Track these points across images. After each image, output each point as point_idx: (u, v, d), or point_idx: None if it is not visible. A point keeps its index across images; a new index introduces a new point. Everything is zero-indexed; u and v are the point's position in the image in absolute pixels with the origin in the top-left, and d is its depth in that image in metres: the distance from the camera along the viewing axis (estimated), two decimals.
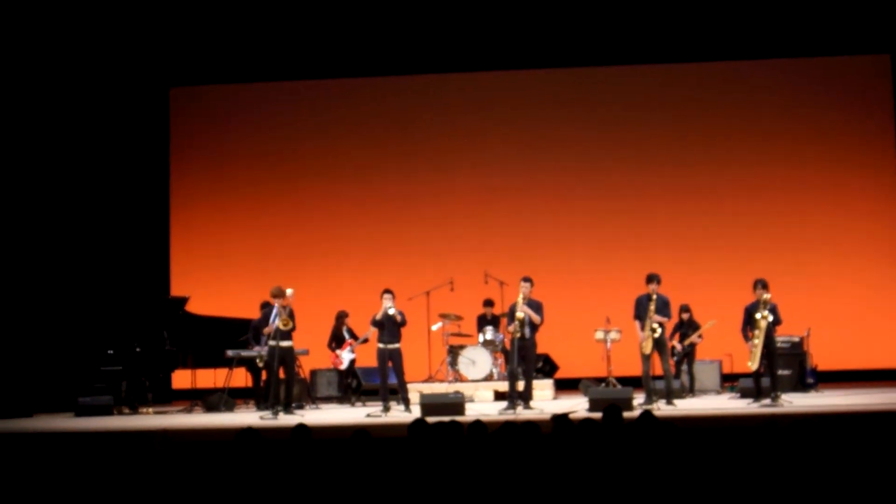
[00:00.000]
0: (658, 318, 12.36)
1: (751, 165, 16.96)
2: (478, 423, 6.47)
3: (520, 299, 12.50)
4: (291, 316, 12.76)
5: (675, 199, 17.04)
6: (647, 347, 12.33)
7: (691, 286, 15.58)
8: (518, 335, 12.41)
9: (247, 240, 17.49)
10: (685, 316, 14.26)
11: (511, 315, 12.60)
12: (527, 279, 12.64)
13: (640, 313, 12.46)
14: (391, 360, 12.71)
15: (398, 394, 12.87)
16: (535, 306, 12.56)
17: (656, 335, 12.30)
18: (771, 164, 16.92)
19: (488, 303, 15.03)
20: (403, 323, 12.77)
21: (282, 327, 12.57)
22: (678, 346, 14.10)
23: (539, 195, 17.22)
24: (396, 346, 12.74)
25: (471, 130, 17.44)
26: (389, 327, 12.67)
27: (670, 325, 13.07)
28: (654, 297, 12.41)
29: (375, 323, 12.76)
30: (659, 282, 12.52)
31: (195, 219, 17.65)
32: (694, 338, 14.25)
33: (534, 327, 12.56)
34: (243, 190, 17.64)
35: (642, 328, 12.41)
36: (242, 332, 14.58)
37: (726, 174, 17.02)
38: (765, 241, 16.73)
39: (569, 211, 17.20)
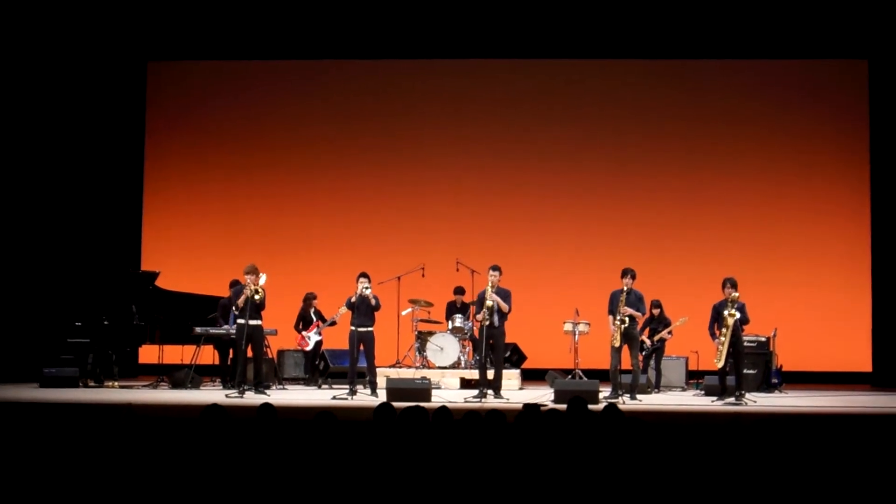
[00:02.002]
0: (628, 310, 12.41)
1: (724, 165, 17.01)
2: (443, 410, 6.47)
3: (489, 287, 12.52)
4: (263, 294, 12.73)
5: (649, 195, 17.08)
6: (617, 340, 12.39)
7: (662, 282, 15.62)
8: (487, 323, 12.43)
9: (219, 218, 17.41)
10: (656, 312, 14.31)
11: (480, 303, 12.62)
12: (495, 268, 12.66)
13: (613, 307, 12.51)
14: (363, 344, 12.70)
15: (366, 377, 12.87)
16: (504, 294, 12.58)
17: (625, 326, 12.35)
18: (744, 165, 16.98)
19: (459, 290, 15.06)
20: (377, 307, 12.75)
21: (251, 295, 12.50)
22: (647, 342, 14.15)
23: (514, 185, 17.23)
24: (369, 329, 12.72)
25: (447, 118, 17.41)
26: (363, 310, 12.64)
27: (641, 320, 13.12)
28: (627, 290, 12.47)
29: (349, 304, 12.74)
30: (633, 276, 12.58)
31: (168, 194, 17.53)
32: (664, 334, 14.31)
33: (502, 316, 12.59)
34: (218, 168, 17.54)
35: (614, 322, 12.46)
36: (211, 309, 14.53)
37: (700, 173, 17.08)
38: (736, 240, 16.81)
39: (543, 202, 17.21)
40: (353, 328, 12.73)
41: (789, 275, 16.70)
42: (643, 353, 13.76)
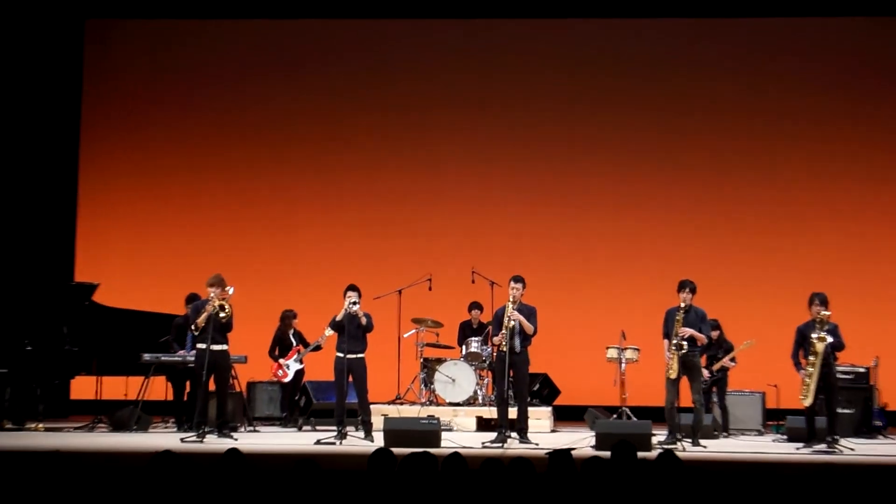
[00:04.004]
0: (687, 331, 12.32)
1: (805, 162, 17.02)
2: (456, 458, 6.45)
3: (509, 303, 12.48)
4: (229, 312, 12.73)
5: (706, 191, 17.11)
6: (674, 370, 12.32)
7: (727, 299, 15.64)
8: (506, 348, 12.39)
9: (174, 217, 17.45)
10: (714, 334, 14.23)
11: (497, 323, 12.58)
12: (518, 279, 12.62)
13: (669, 329, 12.44)
14: (351, 374, 12.68)
15: (358, 416, 12.86)
16: (528, 312, 12.53)
17: (683, 352, 12.28)
18: (829, 162, 16.97)
19: (475, 307, 15.03)
20: (369, 327, 12.74)
21: (214, 312, 12.48)
22: (705, 372, 14.11)
23: (542, 179, 17.24)
24: (360, 355, 12.71)
25: (460, 91, 17.41)
26: (352, 332, 12.62)
27: (703, 342, 13.01)
28: (685, 307, 12.39)
29: (335, 325, 12.72)
30: (693, 290, 12.50)
31: (110, 187, 17.58)
32: (725, 361, 14.27)
33: (525, 339, 12.54)
34: (173, 155, 17.57)
35: (670, 347, 12.40)
36: (164, 330, 14.52)
37: (776, 170, 17.06)
38: (822, 250, 16.80)
39: (578, 200, 17.21)
40: (339, 355, 12.71)
41: (891, 291, 16.64)
42: (703, 387, 13.69)
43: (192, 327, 13.00)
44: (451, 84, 17.45)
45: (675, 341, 12.34)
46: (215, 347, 12.63)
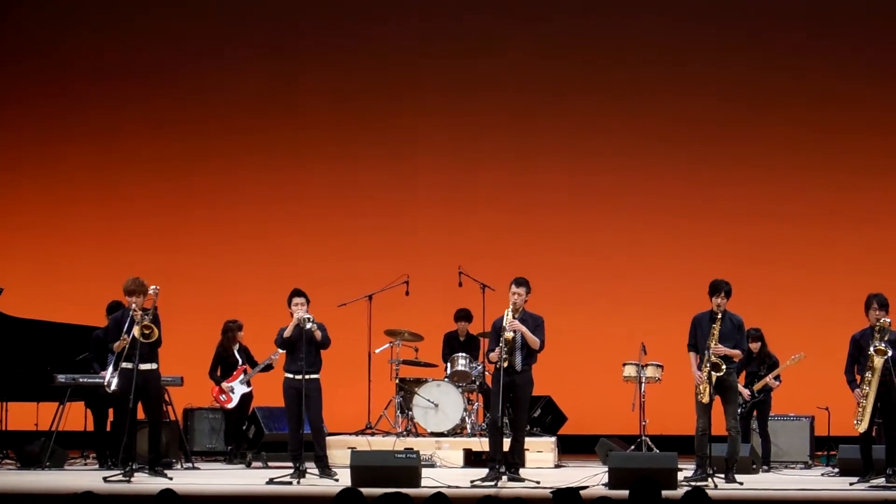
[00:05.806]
0: (722, 349, 12.33)
1: (866, 146, 17.15)
2: (439, 499, 6.48)
3: (509, 312, 12.47)
4: (156, 322, 12.67)
5: (743, 176, 17.24)
6: (706, 393, 12.31)
7: (767, 303, 15.73)
8: (505, 365, 12.38)
9: (93, 210, 17.45)
10: (755, 346, 14.29)
11: (496, 336, 12.55)
12: (521, 282, 12.57)
13: (699, 339, 12.42)
14: (306, 398, 12.67)
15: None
16: (534, 323, 12.51)
17: (720, 374, 12.27)
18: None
19: (463, 315, 15.04)
20: (325, 343, 12.71)
21: (140, 336, 12.47)
22: (745, 392, 14.16)
23: (542, 162, 17.33)
24: (313, 376, 12.71)
25: (442, 65, 17.48)
26: (304, 348, 12.62)
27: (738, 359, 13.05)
28: (720, 315, 12.38)
29: (283, 342, 12.70)
30: (729, 293, 12.48)
31: (12, 181, 17.55)
32: (769, 380, 14.30)
33: (529, 354, 12.53)
34: (86, 144, 17.55)
35: (700, 364, 12.39)
36: (81, 346, 14.48)
37: (830, 151, 17.13)
38: (885, 246, 16.84)
39: (587, 186, 17.29)
40: (289, 375, 12.70)
41: None
42: (741, 410, 13.75)
43: (114, 348, 12.96)
44: (433, 58, 17.50)
45: (708, 359, 12.27)
46: (144, 367, 12.60)
